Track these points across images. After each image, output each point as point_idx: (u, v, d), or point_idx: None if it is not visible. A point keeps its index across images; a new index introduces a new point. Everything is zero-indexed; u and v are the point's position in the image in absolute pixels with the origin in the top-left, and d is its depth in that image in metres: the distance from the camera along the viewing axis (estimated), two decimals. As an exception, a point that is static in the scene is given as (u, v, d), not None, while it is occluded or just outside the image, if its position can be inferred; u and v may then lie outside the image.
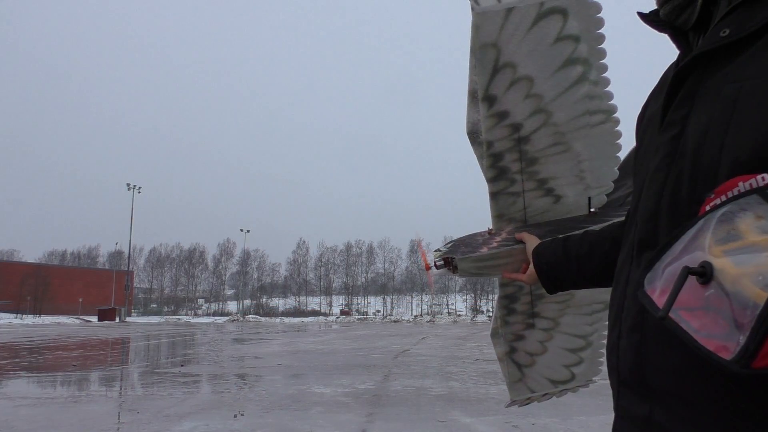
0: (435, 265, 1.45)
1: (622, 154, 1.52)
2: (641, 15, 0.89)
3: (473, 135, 1.52)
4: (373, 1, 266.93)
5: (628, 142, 1.34)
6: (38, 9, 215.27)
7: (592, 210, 1.56)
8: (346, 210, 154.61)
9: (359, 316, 68.67)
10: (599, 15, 1.30)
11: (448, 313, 77.75)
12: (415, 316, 71.07)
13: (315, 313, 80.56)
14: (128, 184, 62.63)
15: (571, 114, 1.42)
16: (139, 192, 63.59)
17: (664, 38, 0.88)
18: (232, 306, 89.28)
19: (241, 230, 79.54)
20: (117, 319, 52.94)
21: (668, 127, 0.78)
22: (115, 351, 16.92)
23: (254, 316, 66.85)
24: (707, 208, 0.64)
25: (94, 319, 52.69)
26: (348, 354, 14.68)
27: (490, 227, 1.53)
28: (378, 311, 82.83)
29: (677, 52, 0.87)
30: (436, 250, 1.47)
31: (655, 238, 0.72)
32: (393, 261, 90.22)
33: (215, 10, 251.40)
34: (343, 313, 75.17)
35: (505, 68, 1.35)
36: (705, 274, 0.57)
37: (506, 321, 1.70)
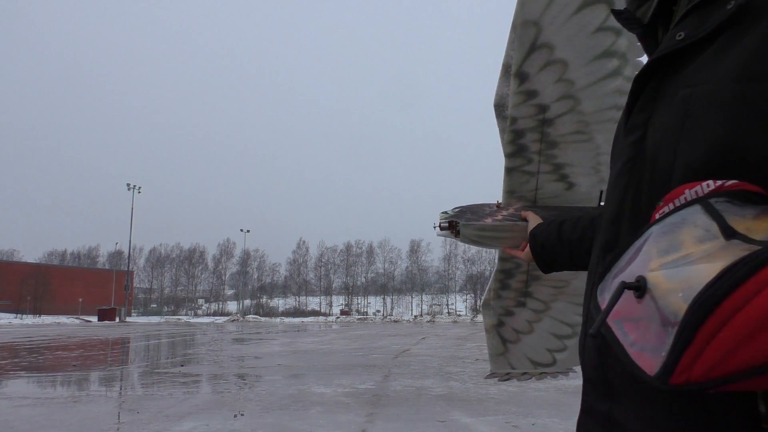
0: (439, 226, 1.46)
1: None
2: (614, 12, 0.89)
3: (499, 108, 1.54)
4: (373, 1, 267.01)
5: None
6: (35, 9, 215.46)
7: (601, 203, 1.56)
8: (346, 210, 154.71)
9: (359, 316, 68.64)
10: None
11: (448, 313, 77.75)
12: (415, 316, 71.03)
13: (315, 313, 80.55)
14: (128, 184, 62.64)
15: (599, 105, 1.42)
16: (139, 192, 63.61)
17: None
18: (232, 306, 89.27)
19: (241, 230, 79.58)
20: (117, 319, 52.94)
21: (631, 131, 0.79)
22: (115, 351, 16.92)
23: (254, 316, 66.83)
24: (657, 216, 0.64)
25: (94, 319, 52.68)
26: (348, 354, 14.68)
27: (499, 200, 1.54)
28: (378, 311, 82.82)
29: None
30: (443, 212, 1.48)
31: (617, 242, 0.72)
32: (393, 261, 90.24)
33: (215, 11, 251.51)
34: (343, 313, 75.15)
35: (542, 48, 1.35)
36: (640, 288, 0.57)
37: (499, 294, 1.73)
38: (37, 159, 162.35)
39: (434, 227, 1.49)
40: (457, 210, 1.46)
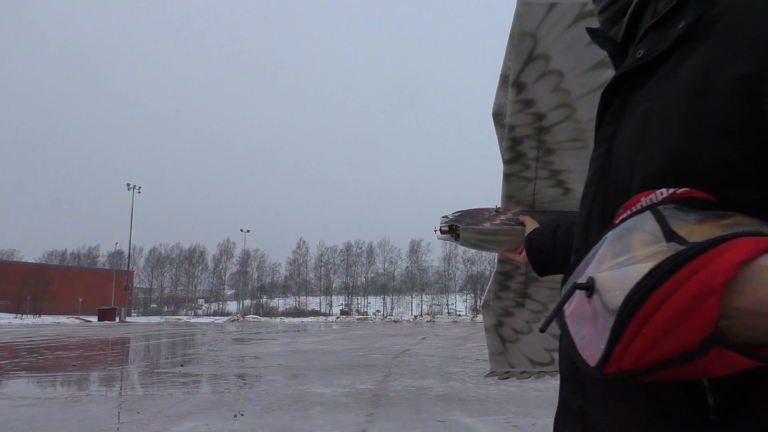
0: (440, 229, 1.50)
1: None
2: (589, 30, 0.94)
3: (498, 116, 1.59)
4: (374, 1, 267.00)
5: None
6: (36, 8, 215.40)
7: None
8: (346, 210, 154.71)
9: (359, 316, 68.64)
10: None
11: (448, 313, 77.75)
12: (415, 316, 71.05)
13: (315, 313, 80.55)
14: (128, 184, 62.67)
15: (594, 114, 1.47)
16: (139, 192, 63.65)
17: None
18: (232, 306, 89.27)
19: (241, 230, 79.64)
20: (117, 319, 52.93)
21: (600, 143, 0.84)
22: (115, 351, 16.92)
23: (254, 316, 66.84)
24: (616, 222, 0.69)
25: (94, 319, 52.67)
26: (348, 354, 14.68)
27: (498, 205, 1.58)
28: (378, 311, 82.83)
29: None
30: (443, 216, 1.52)
31: (587, 249, 0.75)
32: (393, 261, 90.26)
33: (216, 9, 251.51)
34: (343, 313, 75.15)
35: (539, 59, 1.39)
36: (589, 287, 0.62)
37: (498, 296, 1.78)
38: (37, 159, 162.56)
39: (435, 231, 1.53)
40: (457, 214, 1.49)
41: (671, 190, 0.67)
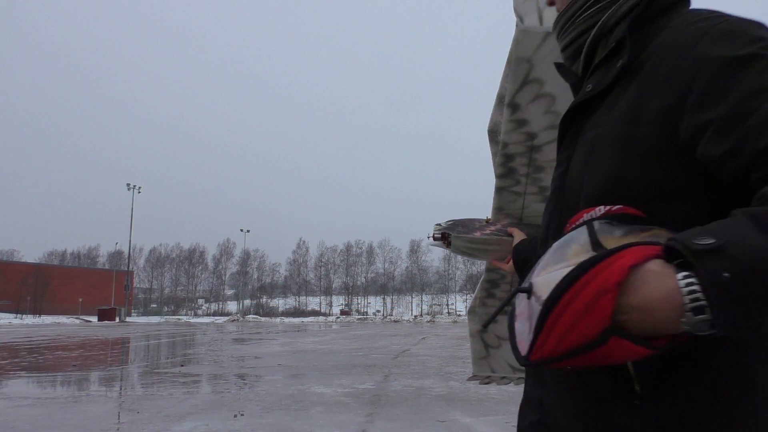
0: (433, 236, 1.58)
1: None
2: (556, 65, 1.06)
3: (492, 133, 1.70)
4: (376, 1, 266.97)
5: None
6: (36, 8, 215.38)
7: None
8: (346, 210, 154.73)
9: (359, 316, 68.65)
10: None
11: (448, 313, 77.75)
12: (415, 316, 71.06)
13: (315, 313, 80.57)
14: (128, 184, 62.69)
15: None
16: (139, 192, 63.68)
17: None
18: (232, 306, 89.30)
19: (241, 230, 79.68)
20: (117, 319, 52.93)
21: (559, 165, 0.95)
22: (115, 351, 16.92)
23: (254, 316, 66.84)
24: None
25: (94, 319, 52.68)
26: (348, 354, 14.69)
27: (488, 217, 1.68)
28: (378, 311, 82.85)
29: None
30: (436, 224, 1.59)
31: None
32: (393, 261, 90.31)
33: (216, 10, 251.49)
34: (343, 313, 75.14)
35: (533, 83, 1.49)
36: (528, 291, 0.72)
37: (484, 302, 1.84)
38: (37, 159, 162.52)
39: (428, 237, 1.62)
40: (449, 223, 1.57)
41: (607, 207, 0.77)
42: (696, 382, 0.74)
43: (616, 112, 0.84)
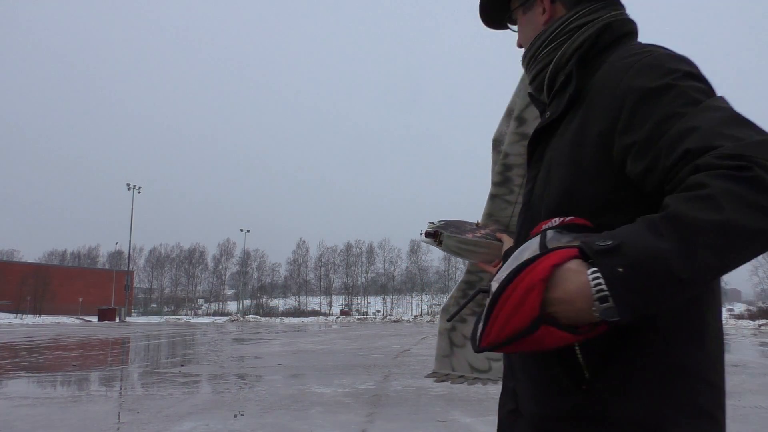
0: (425, 233, 1.64)
1: None
2: (529, 94, 1.19)
3: (496, 142, 1.77)
4: (376, 2, 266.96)
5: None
6: (36, 8, 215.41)
7: None
8: (346, 210, 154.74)
9: (359, 316, 68.62)
10: None
11: (448, 313, 77.54)
12: (415, 316, 71.00)
13: (315, 313, 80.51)
14: (128, 184, 62.63)
15: None
16: (139, 192, 63.61)
17: None
18: (232, 306, 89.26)
19: (241, 230, 79.55)
20: (117, 319, 52.91)
21: (528, 182, 1.09)
22: (115, 351, 16.92)
23: (254, 316, 66.79)
24: None
25: (94, 319, 52.66)
26: (348, 354, 14.69)
27: (479, 221, 1.74)
28: (378, 311, 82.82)
29: None
30: (430, 222, 1.65)
31: None
32: (393, 261, 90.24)
33: (216, 12, 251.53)
34: (343, 313, 75.12)
35: None
36: (487, 291, 0.84)
37: (458, 302, 1.89)
38: (37, 159, 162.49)
39: (420, 234, 1.68)
40: (442, 222, 1.62)
41: (561, 219, 0.90)
42: (630, 367, 0.86)
43: (567, 136, 0.98)
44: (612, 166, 0.90)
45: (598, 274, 0.74)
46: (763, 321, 39.64)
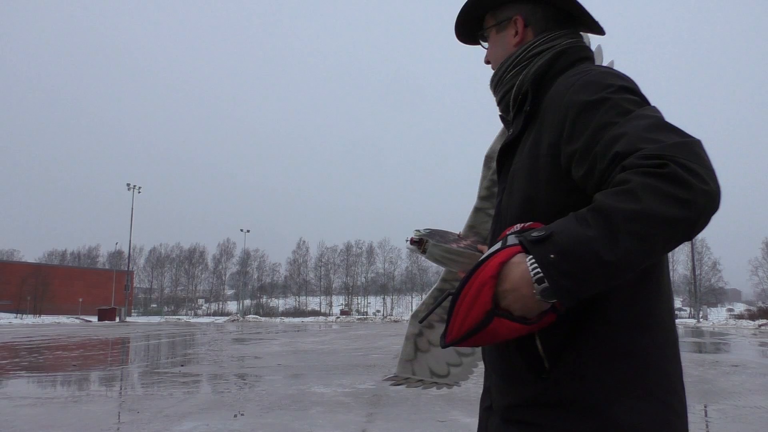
0: (411, 240, 1.68)
1: None
2: (500, 115, 1.28)
3: (488, 159, 1.84)
4: (372, 3, 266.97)
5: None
6: (40, 10, 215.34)
7: None
8: (346, 210, 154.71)
9: (359, 316, 68.58)
10: None
11: (448, 313, 77.51)
12: (415, 316, 70.81)
13: (315, 313, 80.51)
14: (128, 184, 62.60)
15: None
16: (139, 192, 63.56)
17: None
18: (232, 306, 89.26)
19: (241, 230, 79.51)
20: (117, 319, 52.91)
21: (498, 194, 1.18)
22: (115, 351, 16.92)
23: (254, 316, 66.77)
24: None
25: (94, 319, 52.65)
26: (348, 354, 14.69)
27: (461, 232, 1.80)
28: (378, 311, 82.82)
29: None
30: (416, 230, 1.69)
31: None
32: (393, 261, 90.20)
33: (215, 11, 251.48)
34: (343, 313, 75.09)
35: None
36: (453, 294, 0.91)
37: (429, 310, 1.93)
38: (37, 159, 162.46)
39: (406, 241, 1.74)
40: (427, 231, 1.66)
41: (522, 225, 0.98)
42: (583, 354, 0.95)
43: (525, 150, 1.09)
44: (562, 173, 1.00)
45: (534, 261, 0.84)
46: (763, 321, 39.63)
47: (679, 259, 78.96)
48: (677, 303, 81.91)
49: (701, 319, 51.59)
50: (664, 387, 0.95)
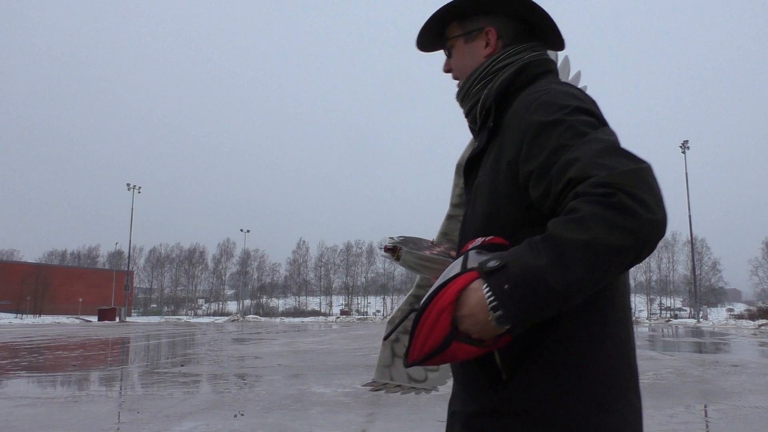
0: (385, 247, 1.70)
1: None
2: (469, 126, 1.30)
3: (459, 167, 1.85)
4: (372, 3, 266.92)
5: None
6: (35, 8, 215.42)
7: None
8: (346, 210, 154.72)
9: (359, 316, 68.60)
10: None
11: (448, 313, 77.52)
12: (415, 316, 70.83)
13: (315, 313, 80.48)
14: (128, 184, 62.68)
15: None
16: (139, 192, 63.64)
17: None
18: (232, 306, 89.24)
19: (241, 230, 79.59)
20: (117, 319, 52.93)
21: (464, 206, 1.20)
22: (115, 351, 16.92)
23: (254, 316, 66.78)
24: None
25: (94, 319, 52.67)
26: (348, 354, 14.69)
27: (433, 239, 1.84)
28: (378, 311, 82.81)
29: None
30: (390, 237, 1.71)
31: None
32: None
33: (214, 11, 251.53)
34: (343, 313, 75.11)
35: None
36: (415, 310, 0.94)
37: (394, 326, 1.95)
38: (37, 159, 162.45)
39: (380, 249, 1.74)
40: (401, 238, 1.69)
41: (483, 239, 1.01)
42: (538, 366, 0.98)
43: (488, 164, 1.11)
44: (521, 189, 1.03)
45: (489, 290, 0.88)
46: (763, 321, 39.61)
47: (679, 259, 79.03)
48: (678, 303, 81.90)
49: (701, 319, 51.54)
50: (615, 396, 0.99)
